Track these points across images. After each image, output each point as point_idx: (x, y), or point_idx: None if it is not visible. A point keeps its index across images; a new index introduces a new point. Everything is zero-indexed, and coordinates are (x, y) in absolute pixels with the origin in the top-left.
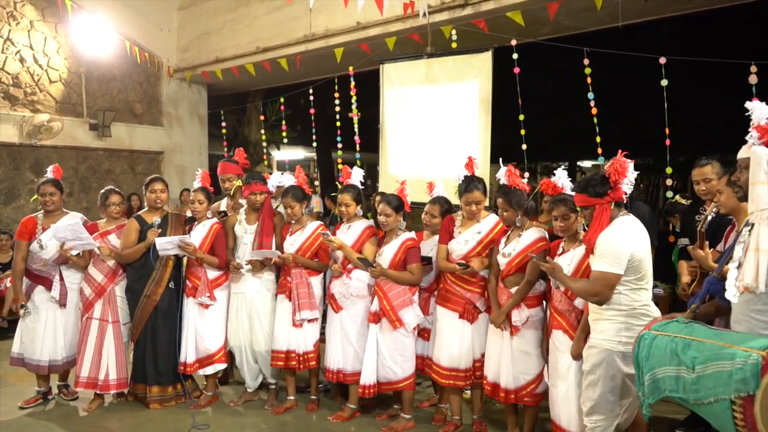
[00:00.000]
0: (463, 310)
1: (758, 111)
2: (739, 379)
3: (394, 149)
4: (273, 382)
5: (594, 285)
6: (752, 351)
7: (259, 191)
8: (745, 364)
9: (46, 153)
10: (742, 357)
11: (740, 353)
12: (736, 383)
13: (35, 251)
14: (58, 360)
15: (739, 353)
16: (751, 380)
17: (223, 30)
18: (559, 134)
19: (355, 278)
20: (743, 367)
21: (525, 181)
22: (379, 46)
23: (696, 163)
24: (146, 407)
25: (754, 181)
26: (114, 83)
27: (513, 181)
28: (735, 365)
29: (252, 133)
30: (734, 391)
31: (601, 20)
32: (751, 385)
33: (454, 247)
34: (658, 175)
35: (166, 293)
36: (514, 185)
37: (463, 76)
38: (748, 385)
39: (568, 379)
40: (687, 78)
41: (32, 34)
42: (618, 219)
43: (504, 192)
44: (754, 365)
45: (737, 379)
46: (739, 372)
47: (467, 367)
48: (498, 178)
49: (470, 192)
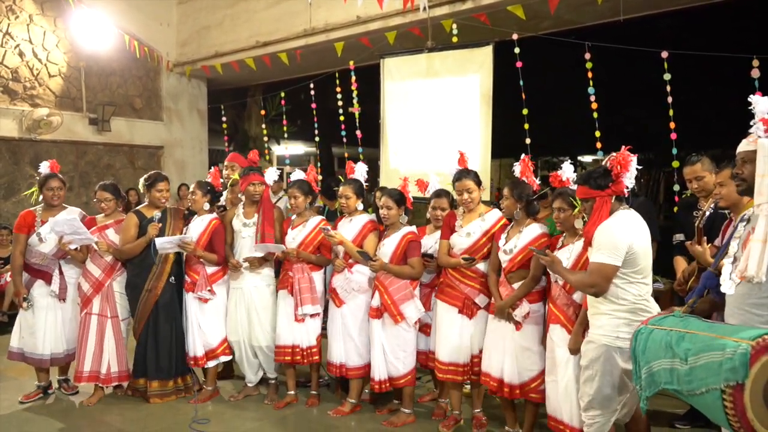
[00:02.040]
0: (462, 305)
1: (761, 105)
2: (728, 368)
3: (394, 144)
4: (273, 376)
5: (591, 276)
6: (742, 341)
7: (258, 181)
8: (734, 353)
9: (46, 147)
10: (732, 347)
11: (730, 343)
12: (726, 372)
13: (34, 245)
14: (60, 353)
15: (730, 343)
16: (741, 369)
17: (223, 24)
18: (559, 129)
19: (357, 272)
20: (733, 357)
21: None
22: (380, 41)
23: (686, 161)
24: (146, 401)
25: (765, 174)
26: (113, 78)
27: (524, 171)
28: (725, 355)
29: (252, 127)
30: (724, 380)
31: (602, 14)
32: (740, 374)
33: (456, 241)
34: (658, 170)
35: (167, 287)
36: (523, 176)
37: (464, 70)
38: (737, 374)
39: (567, 374)
40: (688, 72)
41: (31, 28)
42: (618, 212)
43: (511, 181)
44: (743, 354)
45: (727, 369)
46: (729, 361)
47: (465, 362)
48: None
49: (460, 181)
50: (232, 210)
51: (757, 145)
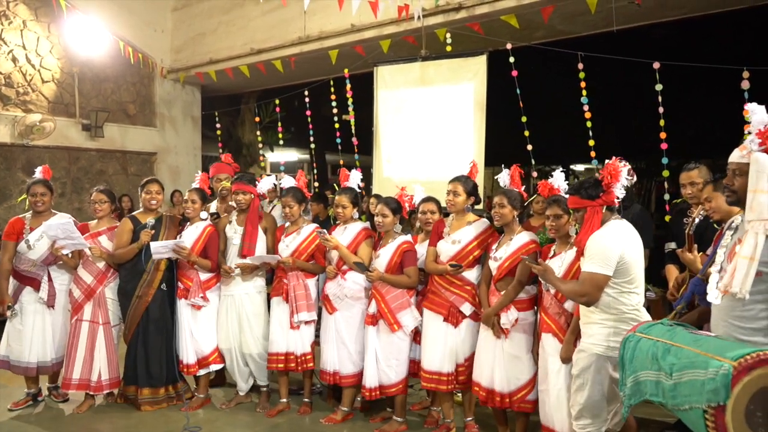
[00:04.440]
0: (447, 313)
1: (758, 115)
2: (710, 389)
3: (388, 152)
4: (264, 384)
5: (582, 286)
6: (725, 361)
7: (242, 190)
8: (716, 374)
9: (38, 153)
10: (715, 367)
11: (714, 362)
12: (708, 393)
13: (23, 252)
14: (47, 361)
15: (713, 362)
16: (722, 390)
17: (218, 31)
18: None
19: (350, 280)
20: (715, 378)
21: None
22: (374, 49)
23: (684, 167)
24: (137, 409)
25: (756, 189)
26: (107, 84)
27: (515, 181)
28: (708, 375)
29: (246, 134)
30: (706, 401)
31: (595, 25)
32: (721, 395)
33: (443, 248)
34: (650, 180)
35: (157, 295)
36: (515, 185)
37: (458, 78)
38: (718, 395)
39: (558, 383)
40: (680, 82)
41: (25, 34)
42: (609, 222)
43: (505, 190)
44: (724, 376)
45: (709, 390)
46: (711, 382)
47: (450, 371)
48: (497, 179)
49: (451, 183)
50: (226, 217)
51: (751, 160)
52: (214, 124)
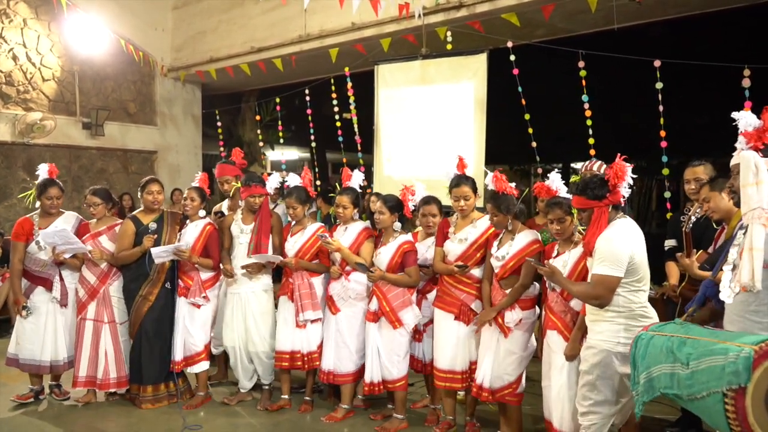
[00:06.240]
0: (458, 311)
1: (744, 120)
2: (731, 371)
3: (388, 150)
4: (267, 382)
5: (595, 288)
6: (745, 345)
7: (258, 194)
8: (737, 357)
9: (39, 152)
10: (735, 351)
11: (733, 348)
12: (728, 376)
13: (33, 252)
14: (60, 360)
15: (732, 348)
16: (743, 373)
17: (218, 30)
18: (552, 136)
19: (354, 280)
20: (735, 361)
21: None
22: (374, 47)
23: (689, 163)
24: (138, 407)
25: (744, 184)
26: (108, 82)
27: (500, 186)
28: (728, 359)
29: (246, 133)
30: (726, 383)
31: (596, 23)
32: (743, 377)
33: (449, 248)
34: (651, 178)
35: (161, 293)
36: (502, 190)
37: (459, 77)
38: (740, 377)
39: (560, 380)
40: (681, 81)
41: (25, 32)
42: (616, 222)
43: (492, 197)
44: (746, 358)
45: (729, 372)
46: (732, 365)
47: (463, 369)
48: (486, 184)
49: (458, 187)
50: (231, 215)
51: (739, 157)
52: (214, 122)
